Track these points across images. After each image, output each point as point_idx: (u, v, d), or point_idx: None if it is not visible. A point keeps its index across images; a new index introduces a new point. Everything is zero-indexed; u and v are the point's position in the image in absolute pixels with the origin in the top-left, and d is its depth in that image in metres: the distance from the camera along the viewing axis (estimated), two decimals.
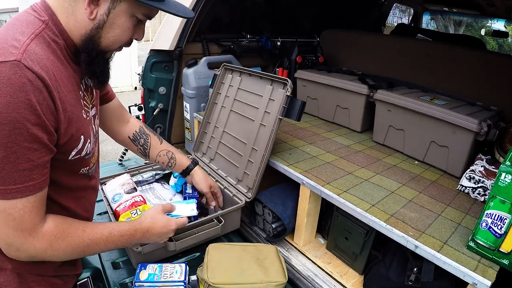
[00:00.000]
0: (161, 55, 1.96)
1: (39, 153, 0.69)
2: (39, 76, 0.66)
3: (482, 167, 1.26)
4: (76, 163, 0.84)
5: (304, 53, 2.23)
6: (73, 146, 0.79)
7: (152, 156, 1.27)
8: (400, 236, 0.97)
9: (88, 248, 0.83)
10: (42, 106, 0.67)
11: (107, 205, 1.28)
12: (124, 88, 7.38)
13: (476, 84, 1.71)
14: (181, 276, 1.07)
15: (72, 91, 0.78)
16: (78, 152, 0.82)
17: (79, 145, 0.81)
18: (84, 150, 0.84)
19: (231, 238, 1.37)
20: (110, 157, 4.23)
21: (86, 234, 0.82)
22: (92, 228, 0.85)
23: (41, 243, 0.75)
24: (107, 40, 0.78)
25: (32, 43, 0.68)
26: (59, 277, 0.94)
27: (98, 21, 0.75)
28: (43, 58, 0.69)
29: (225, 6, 2.17)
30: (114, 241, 0.88)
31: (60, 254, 0.79)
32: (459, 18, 4.67)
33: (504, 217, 0.84)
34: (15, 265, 0.82)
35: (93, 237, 0.83)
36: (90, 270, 1.15)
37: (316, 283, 1.19)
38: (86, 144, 0.84)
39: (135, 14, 0.78)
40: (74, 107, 0.77)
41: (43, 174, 0.72)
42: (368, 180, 1.28)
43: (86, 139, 0.83)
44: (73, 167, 0.85)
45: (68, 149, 0.79)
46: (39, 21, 0.72)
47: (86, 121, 0.84)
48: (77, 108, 0.79)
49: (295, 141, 1.61)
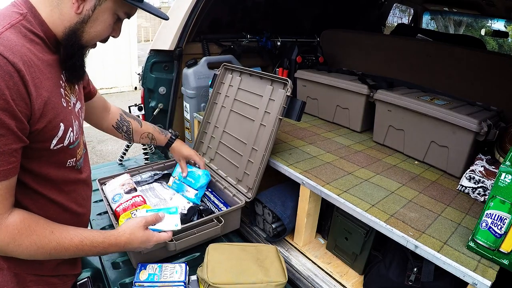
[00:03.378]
0: (161, 55, 1.96)
1: (5, 140, 0.68)
2: (10, 61, 0.66)
3: (482, 167, 1.26)
4: (60, 154, 0.83)
5: (304, 53, 2.23)
6: (52, 134, 0.78)
7: (136, 140, 1.38)
8: (400, 236, 0.97)
9: (55, 251, 0.79)
10: (11, 91, 0.66)
11: (107, 205, 1.28)
12: (124, 88, 7.37)
13: (476, 84, 1.71)
14: (181, 276, 1.07)
15: (50, 78, 0.77)
16: (60, 141, 0.81)
17: (59, 132, 0.80)
18: (66, 139, 0.82)
19: (231, 238, 1.37)
20: (110, 157, 4.23)
21: (54, 237, 0.79)
22: (62, 231, 0.81)
23: (3, 235, 0.73)
24: (89, 35, 0.81)
25: (7, 31, 0.69)
26: (57, 277, 0.94)
27: (84, 15, 0.78)
28: (17, 44, 0.69)
29: (225, 6, 2.17)
30: (84, 250, 0.84)
31: (22, 251, 0.76)
32: (459, 18, 4.67)
33: (504, 217, 0.84)
34: (11, 264, 0.82)
35: (62, 241, 0.80)
36: (90, 270, 1.15)
37: (316, 283, 1.19)
38: (67, 132, 0.82)
39: (117, 12, 0.83)
40: (51, 94, 0.77)
41: (9, 163, 0.70)
42: (368, 180, 1.28)
43: (67, 127, 0.82)
44: (58, 158, 0.84)
45: (47, 137, 0.78)
46: (16, 14, 0.74)
47: (67, 109, 0.83)
48: (55, 95, 0.79)
49: (295, 141, 1.61)
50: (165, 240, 1.01)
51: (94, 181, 1.46)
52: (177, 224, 1.05)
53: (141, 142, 1.41)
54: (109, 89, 7.18)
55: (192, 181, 1.46)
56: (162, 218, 1.03)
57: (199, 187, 1.44)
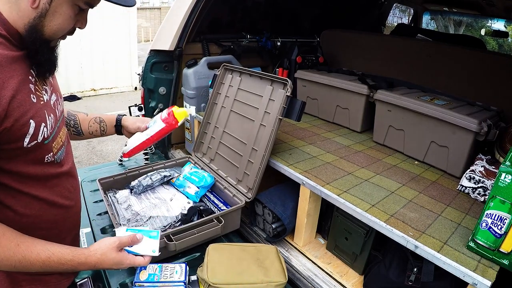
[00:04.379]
0: (161, 55, 1.96)
1: None
2: None
3: (482, 167, 1.26)
4: (36, 150, 0.82)
5: (304, 53, 2.23)
6: (22, 132, 0.77)
7: (85, 130, 1.26)
8: (400, 236, 0.97)
9: (20, 264, 0.77)
10: None
11: (107, 205, 1.28)
12: (124, 88, 7.38)
13: (476, 84, 1.71)
14: (181, 276, 1.07)
15: (15, 75, 0.76)
16: (33, 138, 0.79)
17: (30, 130, 0.78)
18: (40, 135, 0.81)
19: (231, 238, 1.37)
20: (110, 157, 4.23)
21: (20, 250, 0.77)
22: (29, 245, 0.79)
23: None
24: (50, 29, 0.79)
25: None
26: (51, 275, 0.93)
27: (41, 10, 0.76)
28: None
29: (225, 6, 2.17)
30: (51, 266, 0.81)
31: None
32: (459, 18, 4.67)
33: (504, 217, 0.84)
34: None
35: (28, 255, 0.78)
36: (90, 270, 1.15)
37: (316, 283, 1.19)
38: (40, 128, 0.81)
39: (77, 2, 0.80)
40: (17, 92, 0.75)
41: None
42: (368, 180, 1.28)
43: (39, 123, 0.80)
44: (35, 155, 0.82)
45: (18, 136, 0.76)
46: None
47: (38, 105, 0.82)
48: (22, 93, 0.77)
49: (295, 141, 1.61)
50: (140, 265, 0.96)
51: (95, 180, 1.48)
52: (155, 250, 0.97)
53: (90, 132, 1.27)
54: (109, 89, 7.19)
55: (196, 180, 1.46)
56: (139, 240, 0.98)
57: (201, 186, 1.44)
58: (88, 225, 1.40)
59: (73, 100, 6.48)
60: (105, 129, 1.30)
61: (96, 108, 6.17)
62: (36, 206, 0.85)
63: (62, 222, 0.94)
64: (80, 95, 6.71)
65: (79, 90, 6.71)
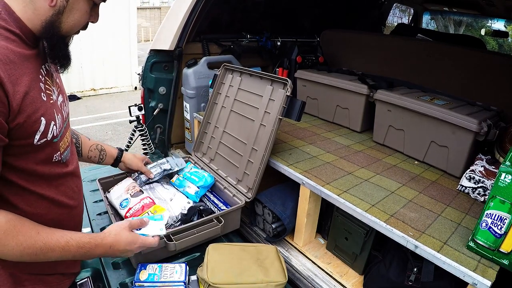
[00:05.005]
0: (161, 55, 1.96)
1: None
2: None
3: (482, 167, 1.26)
4: (45, 149, 0.83)
5: (304, 53, 2.23)
6: (34, 129, 0.78)
7: (85, 153, 1.27)
8: (400, 236, 0.97)
9: (41, 252, 0.79)
10: None
11: (107, 205, 1.28)
12: (124, 88, 7.38)
13: (476, 84, 1.71)
14: (181, 276, 1.07)
15: (28, 73, 0.77)
16: (43, 135, 0.80)
17: (41, 127, 0.79)
18: (49, 132, 0.82)
19: (231, 238, 1.37)
20: None
21: (40, 237, 0.79)
22: (48, 233, 0.81)
23: None
24: (67, 24, 0.81)
25: None
26: (53, 276, 0.94)
27: (59, 7, 0.78)
28: None
29: (225, 6, 2.17)
30: (71, 251, 0.84)
31: (8, 252, 0.76)
32: (459, 18, 4.67)
33: (504, 217, 0.84)
34: (5, 264, 0.82)
35: (48, 242, 0.80)
36: (90, 270, 1.15)
37: (316, 283, 1.19)
38: (50, 126, 0.82)
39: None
40: (30, 89, 0.76)
41: None
42: (368, 180, 1.28)
43: (49, 121, 0.82)
44: (44, 153, 0.84)
45: (30, 133, 0.77)
46: None
47: (48, 103, 0.83)
48: (34, 90, 0.78)
49: (295, 141, 1.61)
50: (151, 245, 1.00)
51: (95, 180, 1.48)
52: (162, 228, 1.04)
53: (88, 157, 1.29)
54: (109, 89, 7.18)
55: (196, 180, 1.46)
56: (147, 223, 1.03)
57: (201, 186, 1.44)
58: (88, 225, 1.40)
59: (73, 100, 6.47)
60: (103, 158, 1.33)
61: (96, 108, 6.16)
62: (41, 205, 0.86)
63: (66, 221, 0.94)
64: (80, 94, 6.71)
65: (79, 90, 6.71)
